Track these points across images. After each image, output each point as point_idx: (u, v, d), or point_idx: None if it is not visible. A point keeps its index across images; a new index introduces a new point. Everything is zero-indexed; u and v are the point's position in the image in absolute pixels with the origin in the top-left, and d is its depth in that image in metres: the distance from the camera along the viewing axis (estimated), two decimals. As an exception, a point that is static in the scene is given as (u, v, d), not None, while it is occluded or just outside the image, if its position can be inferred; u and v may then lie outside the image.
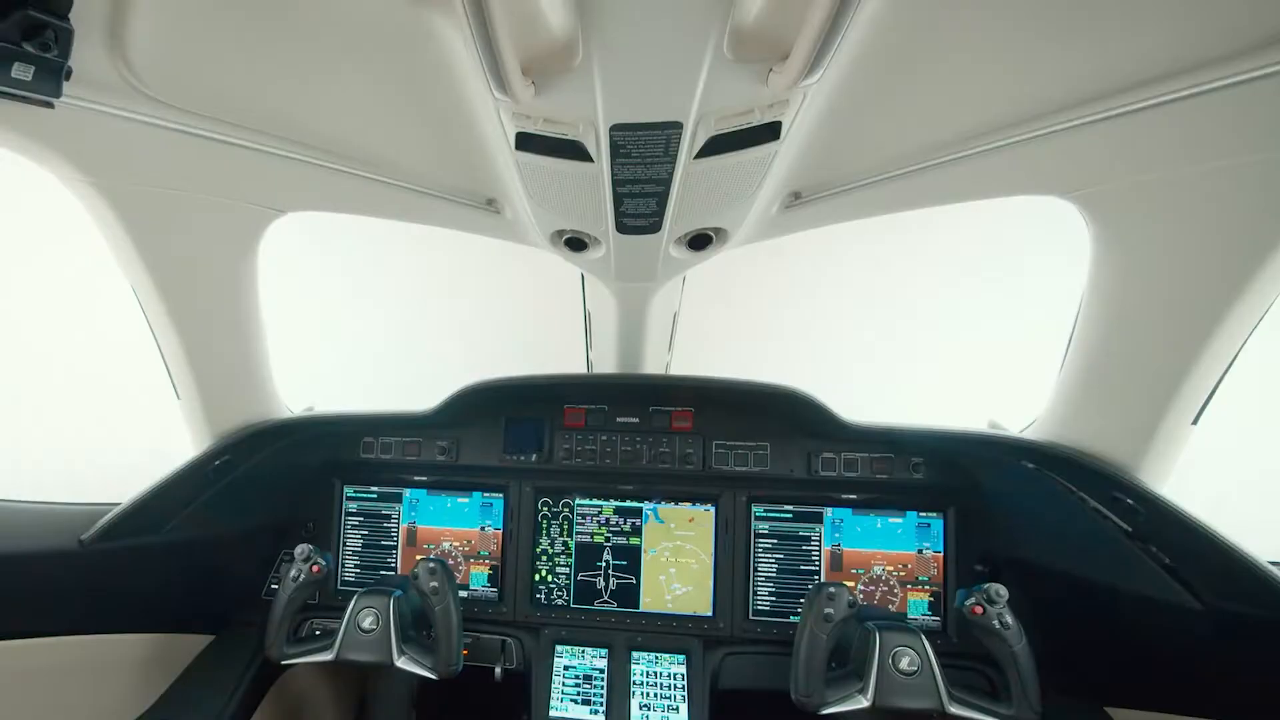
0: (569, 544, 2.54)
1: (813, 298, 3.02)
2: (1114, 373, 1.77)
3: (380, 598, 2.19)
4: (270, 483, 2.52)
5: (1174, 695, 1.98)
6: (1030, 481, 2.08)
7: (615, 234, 1.58)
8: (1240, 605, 1.71)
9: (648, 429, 2.49)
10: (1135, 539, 1.86)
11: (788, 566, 2.44)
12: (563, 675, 2.35)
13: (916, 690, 1.94)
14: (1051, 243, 1.70)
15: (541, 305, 3.10)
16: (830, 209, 1.59)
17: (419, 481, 2.63)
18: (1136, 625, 2.03)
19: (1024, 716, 1.90)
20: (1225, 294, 1.45)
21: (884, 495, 2.40)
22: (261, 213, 1.86)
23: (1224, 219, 1.38)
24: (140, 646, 2.30)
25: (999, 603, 1.93)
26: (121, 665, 2.26)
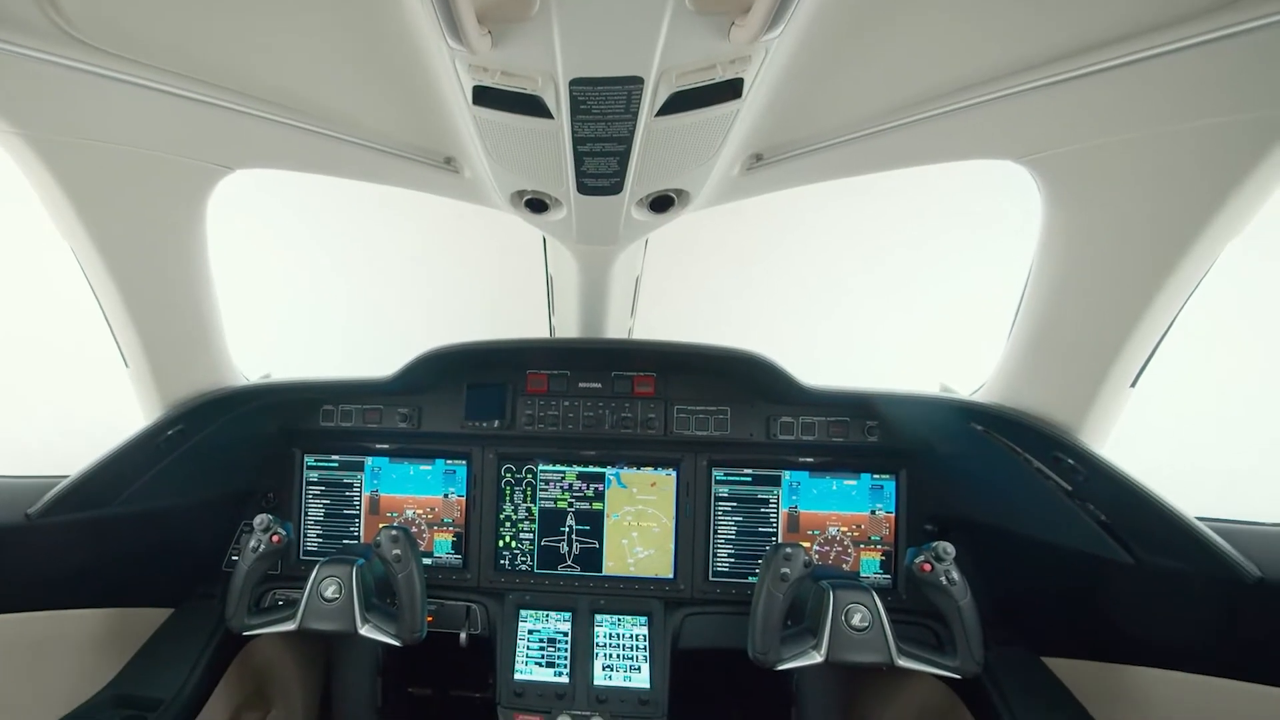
0: (532, 510, 2.52)
1: (773, 261, 3.01)
2: (1059, 336, 1.80)
3: (343, 566, 2.14)
4: (227, 453, 2.44)
5: (1105, 645, 2.06)
6: (978, 443, 2.12)
7: (576, 195, 1.53)
8: (1169, 560, 1.77)
9: (610, 394, 2.47)
10: (1074, 498, 1.92)
11: (746, 528, 2.46)
12: (527, 639, 2.35)
13: (867, 645, 1.98)
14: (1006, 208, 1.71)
15: (504, 270, 3.03)
16: (790, 172, 1.57)
17: (381, 449, 2.57)
18: (1072, 580, 2.09)
19: (967, 667, 1.96)
20: (1165, 260, 1.48)
21: (840, 458, 2.43)
22: (208, 169, 1.76)
23: (1167, 185, 1.40)
24: (96, 621, 2.22)
25: (946, 560, 1.97)
26: (75, 641, 2.18)
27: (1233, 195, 1.32)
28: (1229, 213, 1.35)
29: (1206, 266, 1.48)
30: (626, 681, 2.24)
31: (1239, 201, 1.33)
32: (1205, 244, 1.41)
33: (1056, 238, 1.65)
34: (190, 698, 2.16)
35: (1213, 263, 1.48)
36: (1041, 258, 1.73)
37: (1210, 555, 1.65)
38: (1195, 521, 1.68)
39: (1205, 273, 1.50)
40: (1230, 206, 1.33)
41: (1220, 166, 1.31)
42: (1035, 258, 1.75)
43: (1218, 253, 1.46)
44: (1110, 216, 1.51)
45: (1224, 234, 1.40)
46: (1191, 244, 1.42)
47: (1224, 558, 1.63)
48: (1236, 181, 1.30)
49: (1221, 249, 1.45)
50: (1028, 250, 1.77)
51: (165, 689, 2.13)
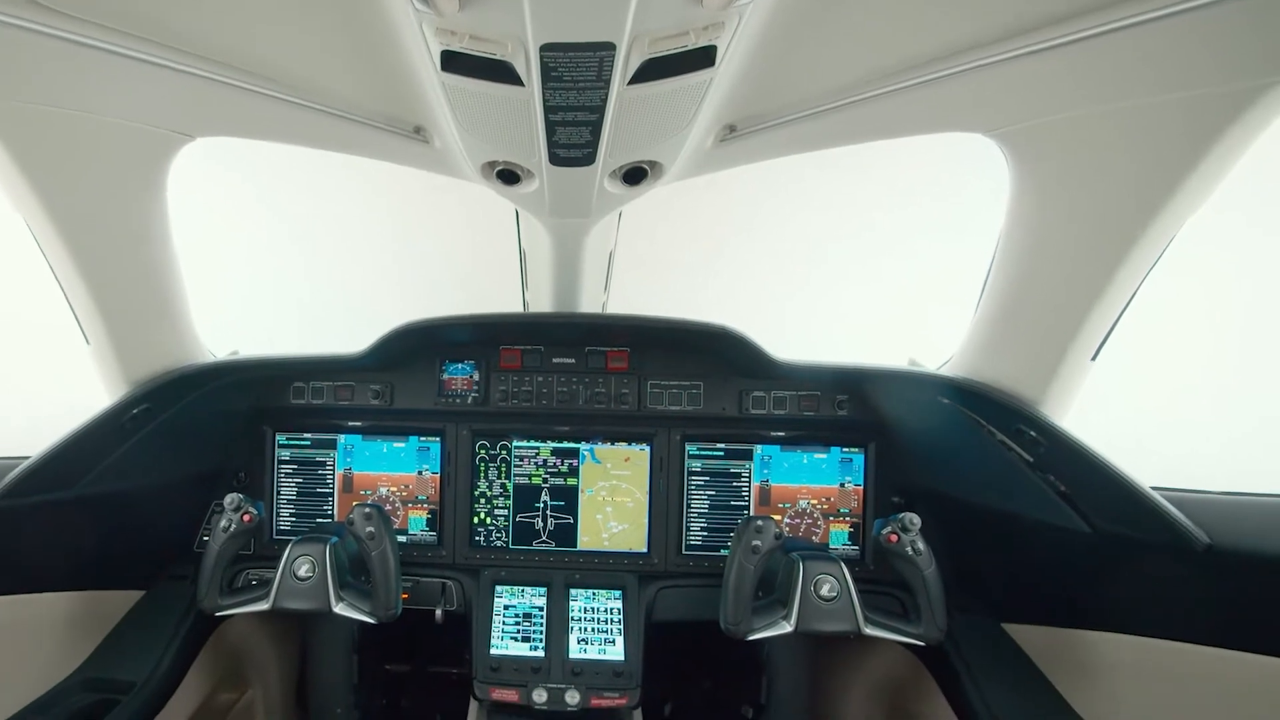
0: (507, 486, 2.49)
1: (746, 234, 2.99)
2: (1024, 310, 1.81)
3: (316, 545, 2.11)
4: (195, 431, 2.37)
5: (1063, 611, 2.11)
6: (945, 416, 2.14)
7: (548, 166, 1.50)
8: (1124, 528, 1.81)
9: (584, 369, 2.45)
10: (1036, 469, 1.95)
11: (719, 502, 2.47)
12: (502, 615, 2.33)
13: (835, 615, 2.01)
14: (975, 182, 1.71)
15: (476, 244, 2.97)
16: (764, 144, 1.55)
17: (353, 427, 2.52)
18: (1032, 549, 2.14)
19: (930, 634, 1.99)
20: (1127, 235, 1.49)
21: (810, 432, 2.44)
22: (167, 137, 1.69)
23: (1131, 160, 1.41)
24: (64, 605, 2.15)
25: (912, 531, 2.00)
26: (43, 625, 2.11)
27: (1194, 171, 1.33)
28: (1190, 188, 1.36)
29: (1166, 241, 1.50)
30: (601, 654, 2.24)
31: (1200, 177, 1.34)
32: (1167, 219, 1.42)
33: (1023, 212, 1.66)
34: (163, 680, 2.11)
35: (1172, 238, 1.50)
36: (1008, 232, 1.74)
37: (1163, 523, 1.69)
38: (1150, 491, 1.72)
39: (1165, 248, 1.52)
40: (1192, 182, 1.34)
41: (1183, 141, 1.32)
42: (1002, 232, 1.76)
43: (1178, 228, 1.47)
44: (1075, 191, 1.52)
45: (1185, 209, 1.42)
46: (1153, 219, 1.43)
47: (1176, 526, 1.67)
48: (1198, 157, 1.31)
49: (1181, 224, 1.47)
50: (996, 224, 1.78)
51: (137, 671, 2.08)
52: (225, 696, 2.62)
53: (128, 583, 2.37)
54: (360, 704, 2.41)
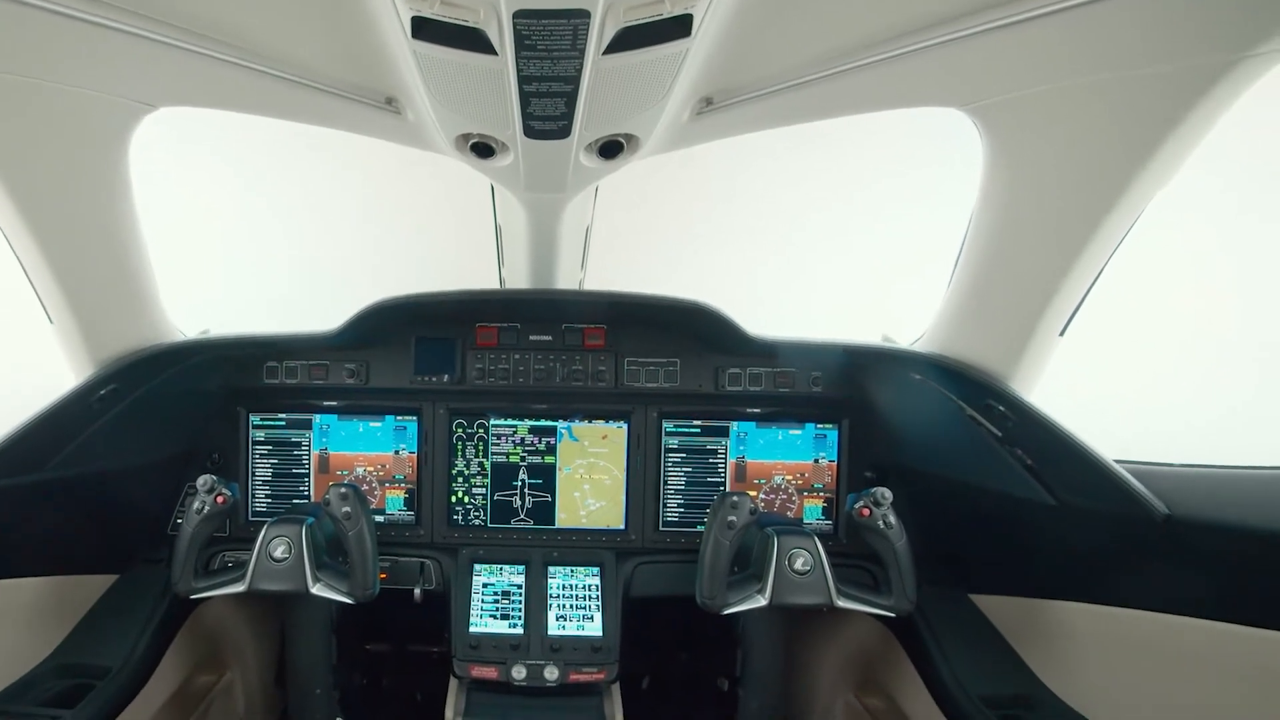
0: (484, 465, 2.47)
1: (722, 209, 2.97)
2: (995, 286, 1.82)
3: (292, 526, 2.07)
4: (166, 412, 2.30)
5: (1028, 581, 2.14)
6: (917, 392, 2.15)
7: (523, 138, 1.46)
8: (1087, 500, 1.84)
9: (561, 346, 2.42)
10: (1004, 443, 1.97)
11: (695, 479, 2.47)
12: (481, 593, 2.32)
13: (809, 588, 2.02)
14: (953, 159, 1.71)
15: (451, 220, 2.91)
16: (740, 118, 1.53)
17: (329, 406, 2.47)
18: (998, 521, 2.17)
19: (901, 606, 2.01)
20: (1096, 210, 1.50)
21: (785, 408, 2.45)
22: (128, 106, 1.61)
23: (1102, 134, 1.41)
24: (35, 590, 2.09)
25: (884, 505, 2.01)
26: (13, 611, 2.04)
27: (1163, 145, 1.33)
28: (1159, 163, 1.37)
29: (1135, 217, 1.51)
30: (580, 630, 2.23)
31: (1168, 151, 1.34)
32: (1135, 194, 1.43)
33: (996, 187, 1.66)
34: (139, 664, 2.07)
35: (1140, 213, 1.50)
36: (981, 207, 1.74)
37: (1123, 494, 1.71)
38: (1112, 463, 1.74)
39: (1133, 224, 1.52)
40: (1160, 156, 1.35)
41: (1152, 116, 1.32)
42: (975, 207, 1.76)
43: (1146, 204, 1.48)
44: (1046, 166, 1.52)
45: (1153, 185, 1.42)
46: (1122, 194, 1.44)
47: (1136, 497, 1.69)
48: (1167, 131, 1.31)
49: (1149, 200, 1.47)
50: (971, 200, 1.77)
51: (112, 656, 2.03)
52: (203, 679, 2.58)
53: (101, 567, 2.32)
54: (340, 684, 2.38)
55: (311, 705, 2.28)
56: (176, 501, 2.47)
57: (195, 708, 2.47)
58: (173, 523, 2.45)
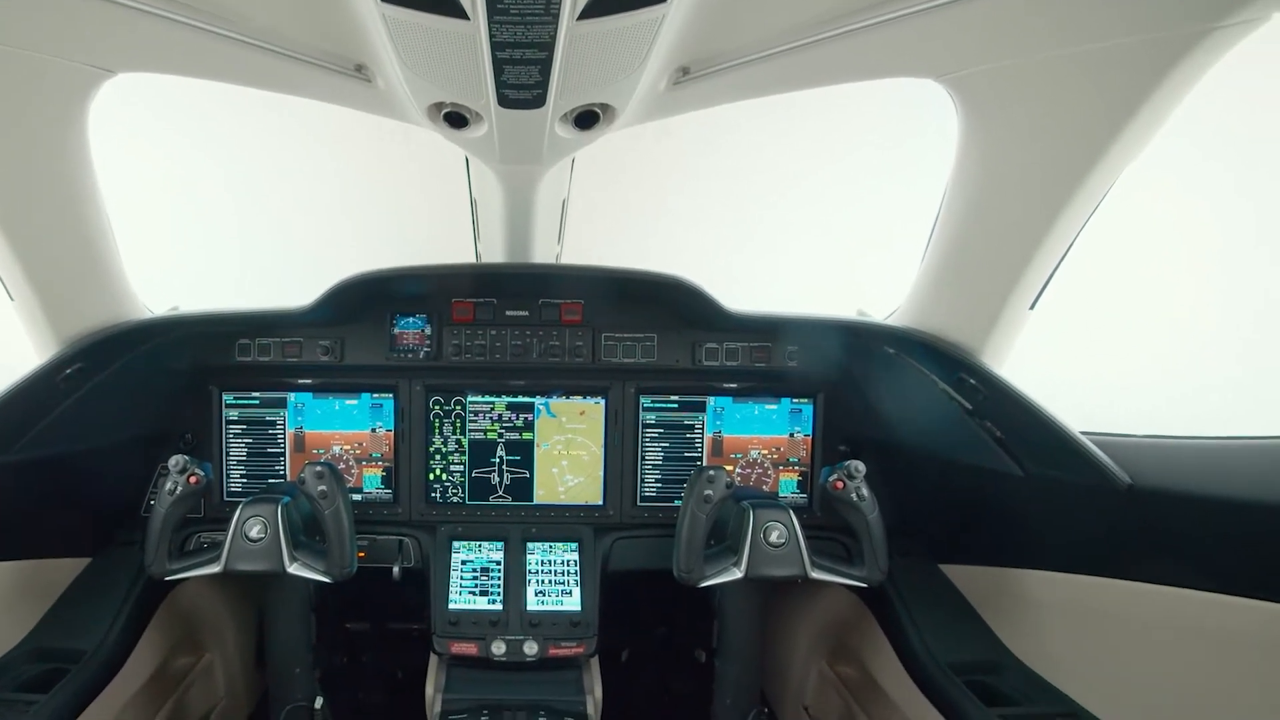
0: (462, 442, 2.44)
1: (699, 183, 2.93)
2: (968, 259, 1.82)
3: (267, 505, 2.03)
4: (137, 392, 2.24)
5: (996, 551, 2.18)
6: (890, 366, 2.16)
7: (497, 108, 1.41)
8: (1054, 470, 1.87)
9: (538, 322, 2.39)
10: (975, 416, 1.98)
11: (673, 454, 2.47)
12: (460, 570, 2.30)
13: (784, 560, 2.03)
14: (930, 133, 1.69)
15: (425, 194, 2.84)
16: (717, 88, 1.50)
17: (303, 385, 2.42)
18: (968, 493, 2.20)
19: (873, 576, 2.04)
20: (1067, 183, 1.50)
21: (761, 383, 2.45)
22: (86, 73, 1.54)
23: (1074, 107, 1.40)
24: (4, 575, 2.04)
25: (857, 478, 2.02)
26: None
27: (1135, 117, 1.33)
28: (1129, 136, 1.37)
29: (1105, 191, 1.51)
30: (558, 605, 2.23)
31: (1140, 124, 1.34)
32: (1106, 168, 1.43)
33: (969, 160, 1.65)
34: (114, 647, 2.03)
35: (1110, 187, 1.51)
36: (954, 181, 1.73)
37: (1088, 464, 1.74)
38: (1078, 434, 1.76)
39: (1103, 197, 1.53)
40: (1132, 129, 1.35)
41: (1125, 88, 1.32)
42: (949, 181, 1.76)
43: (1116, 177, 1.48)
44: (1020, 138, 1.52)
45: (1123, 157, 1.42)
46: (1093, 168, 1.44)
47: (1100, 466, 1.72)
48: (1139, 103, 1.31)
49: (1119, 173, 1.48)
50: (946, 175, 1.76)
51: (87, 640, 1.99)
52: (182, 661, 2.54)
53: (73, 550, 2.27)
54: (320, 663, 2.36)
55: (292, 684, 2.25)
56: (149, 483, 2.42)
57: (174, 690, 2.43)
58: (146, 504, 2.40)
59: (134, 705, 2.16)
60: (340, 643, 2.98)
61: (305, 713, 2.23)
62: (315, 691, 2.25)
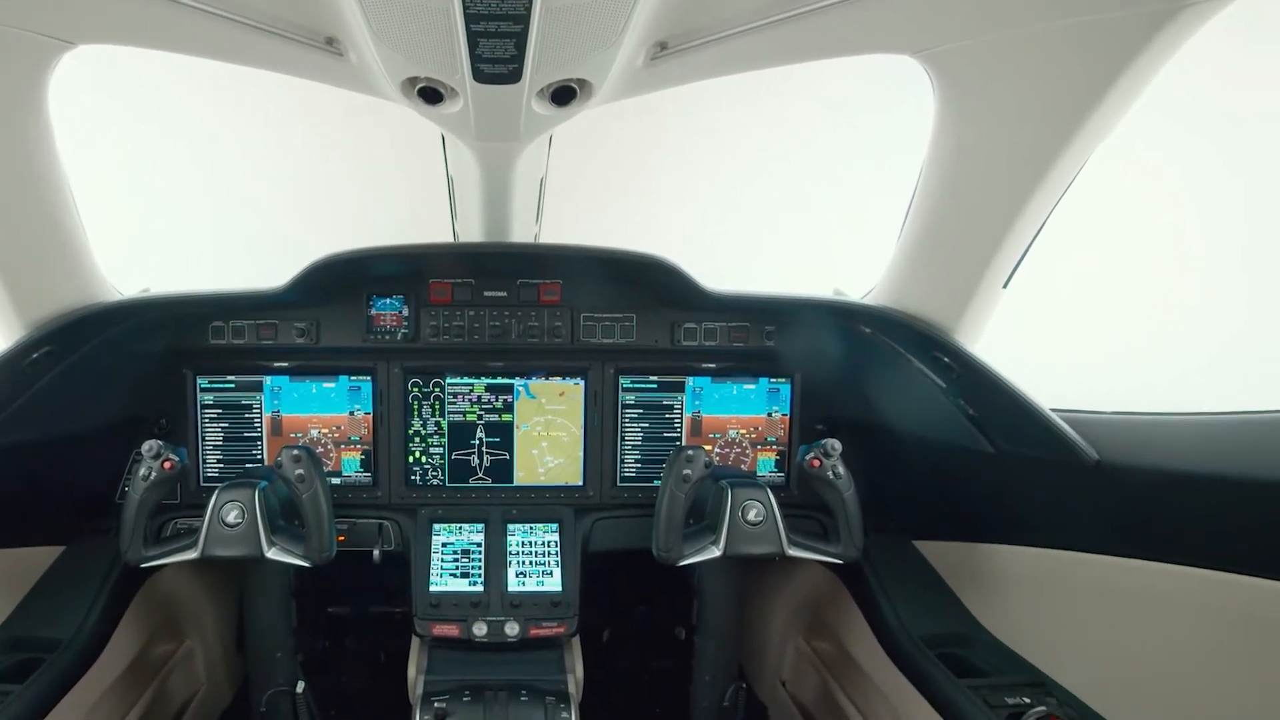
0: (441, 424, 2.41)
1: (678, 161, 2.90)
2: (943, 238, 1.82)
3: (244, 490, 1.99)
4: (108, 376, 2.17)
5: (968, 527, 2.20)
6: (866, 345, 2.17)
7: (473, 83, 1.37)
8: (1024, 447, 1.89)
9: (516, 302, 2.36)
10: (949, 394, 2.00)
11: (652, 434, 2.46)
12: (441, 552, 2.28)
13: (761, 538, 2.04)
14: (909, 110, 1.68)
15: (402, 172, 2.78)
16: (695, 63, 1.47)
17: (279, 368, 2.37)
18: (941, 470, 2.22)
19: (848, 553, 2.05)
20: (1040, 161, 1.50)
21: (740, 363, 2.44)
22: (44, 44, 1.47)
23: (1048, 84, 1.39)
24: None
25: (834, 456, 2.03)
26: None
27: (1108, 93, 1.33)
28: (1103, 111, 1.36)
29: (1077, 169, 1.52)
30: (539, 586, 2.22)
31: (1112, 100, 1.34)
32: (1079, 144, 1.43)
33: (945, 138, 1.65)
34: (91, 635, 1.98)
35: (1082, 165, 1.51)
36: (930, 159, 1.73)
37: (1058, 441, 1.76)
38: (1048, 412, 1.78)
39: (1075, 176, 1.53)
40: (1104, 105, 1.34)
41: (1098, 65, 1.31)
42: (925, 159, 1.75)
43: (1088, 154, 1.48)
44: (995, 115, 1.51)
45: (1096, 135, 1.43)
46: (1066, 144, 1.44)
47: (1069, 443, 1.74)
48: (1112, 78, 1.31)
49: (1091, 151, 1.48)
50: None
51: (63, 628, 1.94)
52: (162, 649, 2.50)
53: (46, 538, 2.21)
54: (302, 647, 2.33)
55: (273, 669, 2.22)
56: (124, 469, 2.36)
57: (154, 677, 2.39)
58: (120, 491, 2.34)
59: (113, 693, 2.12)
60: (322, 627, 2.95)
61: (287, 697, 2.20)
62: (297, 676, 2.23)
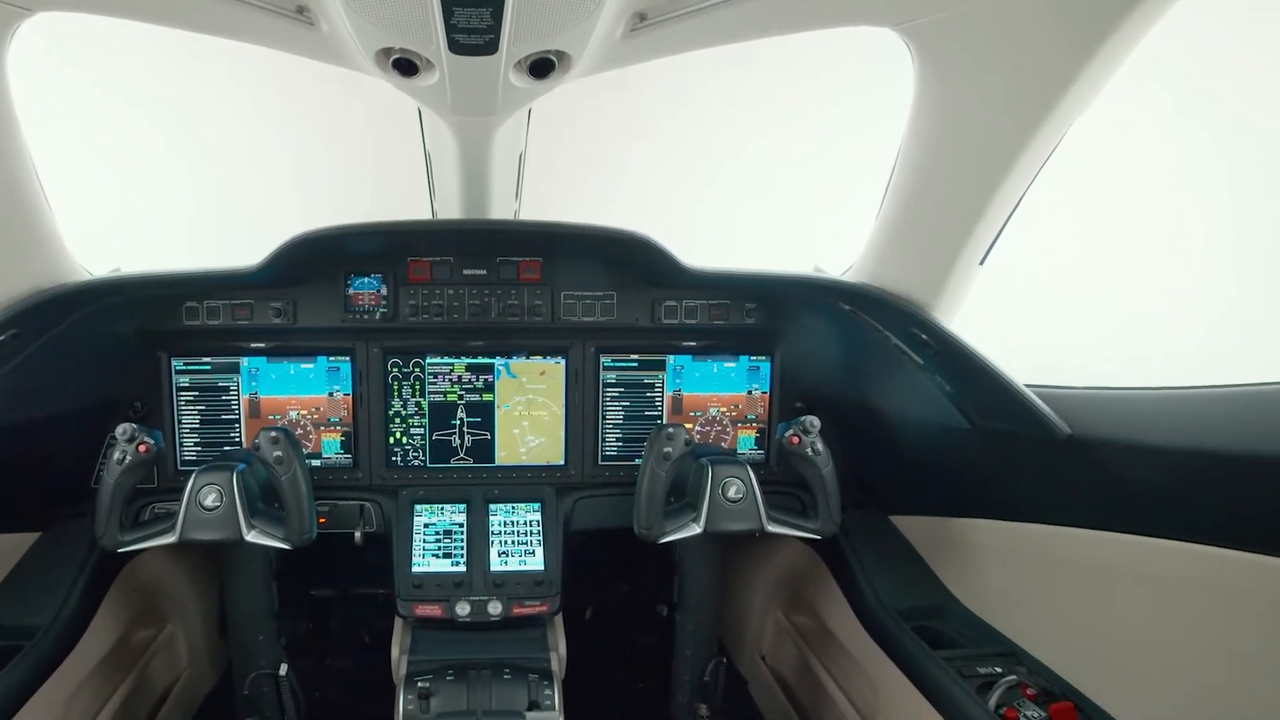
0: (422, 404, 2.38)
1: (658, 138, 2.86)
2: (921, 214, 1.81)
3: (222, 473, 1.95)
4: (79, 359, 2.11)
5: (944, 502, 2.22)
6: (845, 322, 2.16)
7: (448, 54, 1.33)
8: (1000, 423, 1.90)
9: (496, 280, 2.32)
10: (925, 371, 2.00)
11: (633, 413, 2.45)
12: (423, 533, 2.26)
13: (741, 515, 2.04)
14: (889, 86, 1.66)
15: (378, 148, 2.70)
16: (673, 35, 1.44)
17: (256, 349, 2.31)
18: (918, 446, 2.23)
19: (826, 528, 2.06)
20: (1018, 136, 1.49)
21: (720, 341, 2.43)
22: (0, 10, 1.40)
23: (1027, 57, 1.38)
24: None
25: (813, 433, 2.04)
26: None
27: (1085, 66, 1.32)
28: (1080, 85, 1.35)
29: (1054, 144, 1.51)
30: (522, 565, 2.21)
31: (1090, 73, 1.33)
32: (1056, 119, 1.42)
33: (925, 112, 1.63)
34: (70, 621, 1.94)
35: (1059, 141, 1.50)
36: (909, 134, 1.71)
37: (1031, 416, 1.77)
38: (1022, 387, 1.79)
39: (1051, 152, 1.53)
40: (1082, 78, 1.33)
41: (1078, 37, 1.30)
42: (904, 135, 1.73)
43: (1065, 130, 1.48)
44: (973, 89, 1.50)
45: (1073, 109, 1.42)
46: (1044, 120, 1.43)
47: (1042, 418, 1.75)
48: (1093, 49, 1.29)
49: (1069, 126, 1.47)
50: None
51: (41, 615, 1.90)
52: (143, 634, 2.46)
53: (21, 525, 2.16)
54: (285, 630, 2.31)
55: (256, 653, 2.19)
56: (99, 453, 2.29)
57: (135, 662, 2.35)
58: (96, 475, 2.28)
59: (93, 680, 2.09)
60: (306, 609, 2.92)
61: (270, 680, 2.18)
62: (280, 658, 2.20)
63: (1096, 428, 1.70)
